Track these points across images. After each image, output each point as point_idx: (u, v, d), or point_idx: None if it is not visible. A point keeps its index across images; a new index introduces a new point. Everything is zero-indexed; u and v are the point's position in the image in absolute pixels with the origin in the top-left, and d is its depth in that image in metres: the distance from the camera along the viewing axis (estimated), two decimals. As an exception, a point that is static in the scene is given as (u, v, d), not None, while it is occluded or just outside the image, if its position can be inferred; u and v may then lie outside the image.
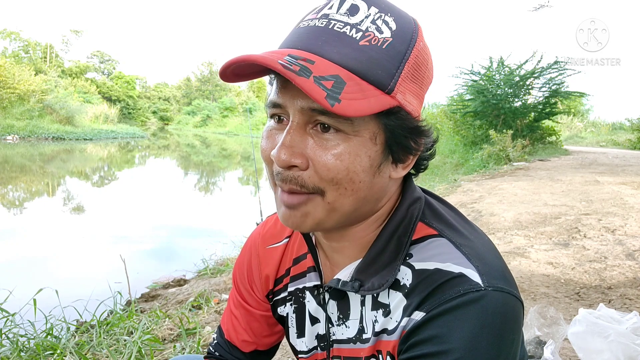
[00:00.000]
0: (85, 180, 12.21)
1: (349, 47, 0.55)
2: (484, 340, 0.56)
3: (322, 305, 0.74)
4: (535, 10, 12.73)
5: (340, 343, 0.72)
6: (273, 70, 0.56)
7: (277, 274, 0.83)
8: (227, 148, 27.07)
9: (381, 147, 0.59)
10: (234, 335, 0.89)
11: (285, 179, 0.59)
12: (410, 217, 0.66)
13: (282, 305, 0.83)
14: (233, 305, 0.90)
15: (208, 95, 56.58)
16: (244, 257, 0.89)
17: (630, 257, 3.33)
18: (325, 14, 0.58)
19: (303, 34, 0.58)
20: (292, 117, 0.58)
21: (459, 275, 0.59)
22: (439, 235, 0.65)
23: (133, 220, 7.31)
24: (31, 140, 21.79)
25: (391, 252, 0.65)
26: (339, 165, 0.57)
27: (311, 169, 0.58)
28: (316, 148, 0.57)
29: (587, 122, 27.13)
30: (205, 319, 2.82)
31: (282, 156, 0.57)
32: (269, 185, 0.65)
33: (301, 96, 0.56)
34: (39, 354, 2.17)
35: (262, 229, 0.88)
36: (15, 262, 5.05)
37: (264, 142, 0.63)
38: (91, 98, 39.17)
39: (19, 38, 43.36)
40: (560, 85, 15.05)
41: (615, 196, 5.83)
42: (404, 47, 0.57)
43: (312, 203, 0.60)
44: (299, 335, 0.80)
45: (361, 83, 0.55)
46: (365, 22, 0.56)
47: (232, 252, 5.05)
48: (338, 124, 0.56)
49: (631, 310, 2.06)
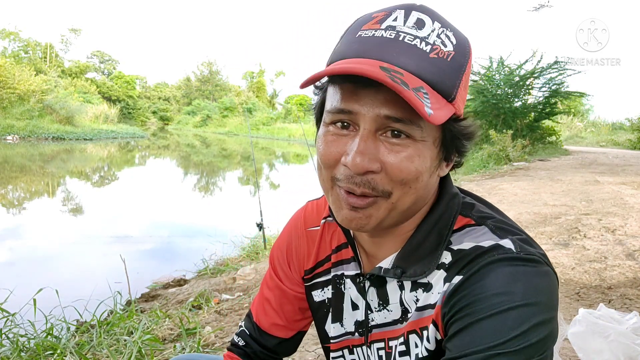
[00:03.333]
0: (85, 180, 12.21)
1: (422, 59, 0.60)
2: (519, 286, 0.59)
3: (362, 293, 0.78)
4: (535, 10, 12.73)
5: (381, 327, 0.76)
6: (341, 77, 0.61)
7: (317, 257, 0.86)
8: (227, 148, 27.07)
9: (438, 149, 0.65)
10: (264, 318, 0.91)
11: (358, 182, 0.62)
12: (450, 211, 0.70)
13: (320, 289, 0.86)
14: (267, 288, 0.93)
15: (208, 95, 56.52)
16: (285, 235, 0.92)
17: (630, 257, 3.33)
18: (392, 26, 0.61)
19: (372, 44, 0.61)
20: (364, 124, 0.60)
21: (494, 246, 0.64)
22: (477, 223, 0.69)
23: (133, 220, 7.31)
24: (31, 140, 21.78)
25: (432, 243, 0.69)
26: (410, 166, 0.61)
27: (383, 173, 0.62)
28: (388, 153, 0.61)
29: (587, 122, 27.11)
30: (205, 319, 2.83)
31: (359, 162, 0.60)
32: (323, 188, 0.69)
33: (378, 104, 0.59)
34: (39, 354, 2.17)
35: (304, 212, 0.92)
36: (15, 262, 5.05)
37: (326, 147, 0.65)
38: (91, 98, 39.11)
39: (18, 38, 43.31)
40: (560, 85, 15.05)
41: (615, 196, 5.83)
42: (464, 59, 0.63)
43: (377, 205, 0.64)
44: (334, 320, 0.83)
45: (435, 94, 0.60)
46: (432, 36, 0.61)
47: (232, 252, 5.05)
48: (410, 131, 0.60)
49: (631, 310, 2.06)
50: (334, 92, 0.63)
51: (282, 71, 59.25)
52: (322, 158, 0.65)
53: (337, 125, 0.64)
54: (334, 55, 0.65)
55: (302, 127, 13.04)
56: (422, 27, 0.61)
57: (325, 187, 0.68)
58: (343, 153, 0.63)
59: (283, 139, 33.53)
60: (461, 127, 0.65)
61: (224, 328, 2.64)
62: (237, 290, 3.48)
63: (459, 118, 0.65)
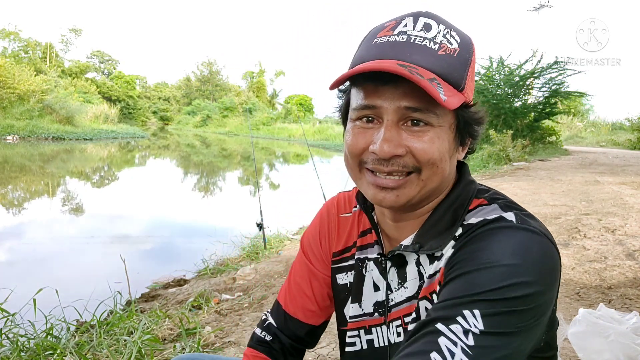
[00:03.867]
0: (85, 180, 12.20)
1: (432, 56, 0.69)
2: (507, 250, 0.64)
3: (384, 273, 0.83)
4: (535, 10, 12.71)
5: (398, 305, 0.81)
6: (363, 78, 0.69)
7: (347, 242, 0.93)
8: (227, 148, 27.06)
9: (454, 134, 0.73)
10: (294, 305, 0.95)
11: (385, 163, 0.71)
12: (466, 194, 0.78)
13: (345, 273, 0.91)
14: (296, 274, 0.98)
15: (208, 95, 56.50)
16: (318, 220, 0.99)
17: (630, 257, 3.33)
18: (403, 31, 0.71)
19: (388, 47, 0.70)
20: (387, 115, 0.70)
21: (497, 218, 0.70)
22: (488, 203, 0.76)
23: (133, 220, 7.31)
24: (31, 140, 21.77)
25: (448, 221, 0.75)
26: (432, 147, 0.70)
27: (409, 155, 0.70)
28: (411, 138, 0.70)
29: (587, 122, 27.11)
30: (205, 319, 2.83)
31: (385, 148, 0.69)
32: (352, 175, 0.78)
33: (398, 98, 0.68)
34: (39, 354, 2.17)
35: (337, 200, 0.99)
36: (15, 262, 5.05)
37: (354, 138, 0.74)
38: (91, 98, 39.10)
39: (18, 38, 43.26)
40: (560, 85, 15.05)
41: (615, 196, 5.82)
42: (469, 54, 0.72)
43: (408, 183, 0.72)
44: (354, 300, 0.88)
45: (446, 85, 0.68)
46: (438, 36, 0.70)
47: (232, 252, 5.05)
48: (428, 118, 0.69)
49: (631, 310, 2.06)
50: (357, 92, 0.73)
51: (282, 71, 59.25)
52: (350, 148, 0.74)
53: (363, 120, 0.73)
54: (354, 60, 0.74)
55: (302, 127, 13.03)
56: (429, 29, 0.70)
57: (353, 174, 0.77)
58: (370, 143, 0.72)
59: (283, 139, 33.53)
60: (472, 113, 0.74)
61: (224, 328, 2.64)
62: (237, 290, 3.48)
63: (470, 105, 0.74)
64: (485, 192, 0.79)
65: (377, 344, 0.85)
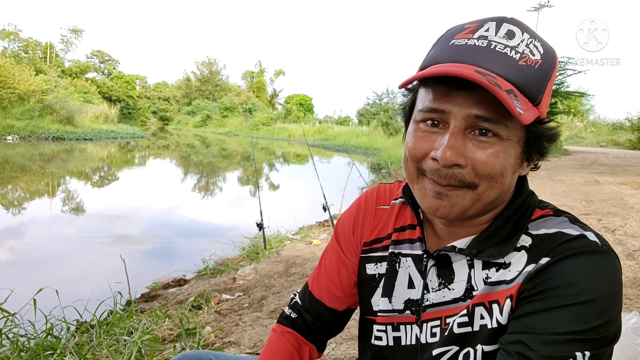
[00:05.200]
0: (85, 180, 12.20)
1: (511, 65, 0.65)
2: (604, 282, 0.63)
3: (423, 273, 0.81)
4: (535, 10, 12.71)
5: (438, 306, 0.79)
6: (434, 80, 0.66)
7: (379, 233, 0.91)
8: (227, 148, 27.06)
9: (521, 148, 0.70)
10: (320, 287, 0.95)
11: (444, 175, 0.68)
12: (528, 205, 0.75)
13: (374, 263, 0.90)
14: (327, 258, 0.97)
15: (208, 95, 56.49)
16: (354, 208, 0.97)
17: (630, 257, 3.33)
18: (484, 36, 0.67)
19: (465, 51, 0.66)
20: (455, 122, 0.66)
21: (580, 235, 0.67)
22: (556, 215, 0.73)
23: (133, 220, 7.31)
24: (31, 140, 21.76)
25: (509, 230, 0.73)
26: (495, 162, 0.67)
27: (469, 167, 0.67)
28: (475, 149, 0.67)
29: (587, 122, 27.12)
30: (205, 319, 2.83)
31: (448, 156, 0.66)
32: (408, 178, 0.76)
33: (469, 105, 0.65)
34: (39, 354, 2.17)
35: (376, 190, 0.96)
36: (15, 262, 5.05)
37: (416, 141, 0.71)
38: (91, 98, 39.10)
39: (18, 38, 43.24)
40: (560, 85, 15.06)
41: (615, 196, 5.82)
42: (550, 68, 0.68)
43: (462, 193, 0.69)
44: (384, 295, 0.86)
45: (523, 98, 0.65)
46: (521, 45, 0.66)
47: (232, 252, 5.05)
48: (498, 129, 0.66)
49: (631, 311, 2.06)
50: (426, 93, 0.70)
51: (282, 70, 59.23)
52: (411, 151, 0.72)
53: (427, 123, 0.70)
54: (428, 60, 0.71)
55: (302, 127, 13.03)
56: (513, 37, 0.67)
57: (410, 178, 0.75)
58: (432, 149, 0.69)
59: (283, 139, 33.51)
60: (544, 130, 0.70)
61: (224, 328, 2.64)
62: (237, 290, 3.48)
63: (543, 121, 0.70)
64: (547, 204, 0.76)
65: (405, 342, 0.83)
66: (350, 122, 43.63)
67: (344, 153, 20.58)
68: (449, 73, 0.62)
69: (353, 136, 27.12)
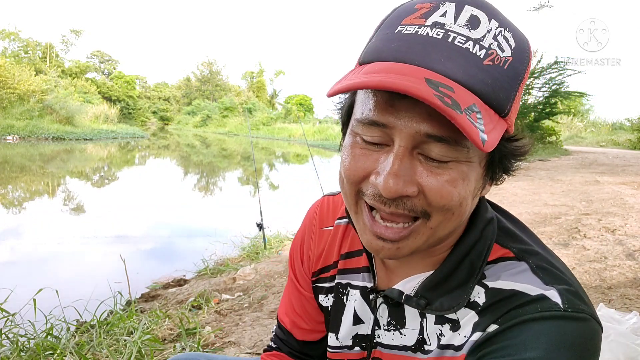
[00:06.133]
0: (85, 180, 12.20)
1: (475, 67, 0.50)
2: (563, 353, 0.51)
3: (372, 308, 0.71)
4: (535, 10, 12.74)
5: (389, 348, 0.69)
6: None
7: (325, 261, 0.80)
8: (227, 148, 27.06)
9: (484, 170, 0.57)
10: (288, 321, 0.87)
11: (388, 203, 0.54)
12: (484, 240, 0.63)
13: (325, 295, 0.80)
14: (287, 289, 0.89)
15: (208, 95, 56.51)
16: (300, 233, 0.86)
17: (630, 257, 3.33)
18: (440, 23, 0.52)
19: (415, 44, 0.51)
20: (400, 140, 0.52)
21: (539, 296, 0.56)
22: (516, 258, 0.62)
23: (133, 220, 7.31)
24: (31, 140, 21.75)
25: (463, 274, 0.61)
26: (452, 192, 0.53)
27: (420, 196, 0.53)
28: (427, 175, 0.53)
29: (587, 122, 27.13)
30: (205, 319, 2.82)
31: (392, 186, 0.51)
32: (346, 203, 0.61)
33: (418, 119, 0.50)
34: (39, 354, 2.17)
35: (319, 208, 0.84)
36: (15, 262, 5.05)
37: (353, 161, 0.56)
38: (91, 98, 39.08)
39: (18, 38, 43.25)
40: (560, 85, 15.08)
41: (615, 196, 5.83)
42: (522, 66, 0.54)
43: (413, 233, 0.56)
44: (331, 329, 0.78)
45: (488, 110, 0.51)
46: (487, 38, 0.52)
47: (232, 252, 5.05)
48: (454, 152, 0.52)
49: (631, 310, 2.06)
50: (365, 98, 0.55)
51: (281, 70, 59.23)
52: (347, 173, 0.57)
53: (367, 138, 0.55)
54: (369, 52, 0.55)
55: (302, 127, 13.02)
56: (477, 26, 0.52)
57: (348, 203, 0.60)
58: (372, 170, 0.55)
59: (283, 139, 33.51)
60: (512, 147, 0.57)
61: (224, 328, 2.64)
62: (237, 290, 3.48)
63: (511, 136, 0.57)
64: (508, 237, 0.64)
65: None
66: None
67: (344, 153, 20.51)
68: (389, 87, 0.47)
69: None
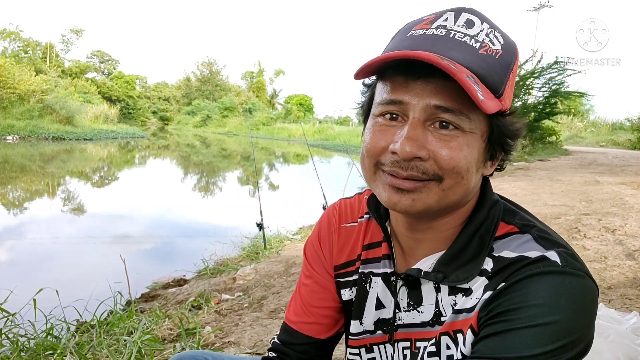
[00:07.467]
0: (85, 180, 12.20)
1: (472, 54, 0.62)
2: (563, 300, 0.59)
3: (393, 292, 0.78)
4: (535, 10, 12.73)
5: (409, 327, 0.76)
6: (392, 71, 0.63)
7: (350, 255, 0.86)
8: (227, 148, 27.05)
9: (485, 144, 0.67)
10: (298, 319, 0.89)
11: (404, 167, 0.63)
12: (492, 217, 0.71)
13: (348, 288, 0.85)
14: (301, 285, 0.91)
15: (208, 95, 56.48)
16: (318, 230, 0.92)
17: (630, 257, 3.33)
18: (443, 25, 0.64)
19: (425, 40, 0.63)
20: (414, 113, 0.63)
21: (540, 257, 0.64)
22: (520, 231, 0.69)
23: (133, 220, 7.31)
24: (31, 140, 21.75)
25: (474, 249, 0.69)
26: (460, 155, 0.63)
27: (431, 160, 0.63)
28: (437, 142, 0.63)
29: (587, 122, 27.14)
30: (205, 319, 2.83)
31: (407, 148, 0.62)
32: (366, 177, 0.70)
33: (428, 95, 0.62)
34: (39, 354, 2.17)
35: (338, 208, 0.91)
36: (15, 262, 5.05)
37: (374, 136, 0.67)
38: (91, 98, 39.07)
39: (18, 38, 43.22)
40: (560, 85, 15.06)
41: (615, 196, 5.83)
42: (511, 59, 0.66)
43: (426, 189, 0.64)
44: (355, 317, 0.83)
45: (483, 86, 0.62)
46: (481, 35, 0.64)
47: (232, 252, 5.05)
48: (459, 121, 0.62)
49: (631, 310, 2.06)
50: (383, 86, 0.66)
51: (281, 70, 59.16)
52: (368, 147, 0.67)
53: (386, 117, 0.66)
54: (385, 52, 0.66)
55: (302, 127, 13.03)
56: (472, 26, 0.64)
57: (368, 176, 0.70)
58: (390, 142, 0.64)
59: (283, 139, 33.51)
60: (508, 123, 0.67)
61: (224, 328, 2.64)
62: (237, 290, 3.48)
63: (507, 114, 0.66)
64: (513, 215, 0.72)
65: None
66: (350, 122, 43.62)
67: (344, 153, 20.56)
68: (406, 55, 0.59)
69: (353, 136, 27.13)
